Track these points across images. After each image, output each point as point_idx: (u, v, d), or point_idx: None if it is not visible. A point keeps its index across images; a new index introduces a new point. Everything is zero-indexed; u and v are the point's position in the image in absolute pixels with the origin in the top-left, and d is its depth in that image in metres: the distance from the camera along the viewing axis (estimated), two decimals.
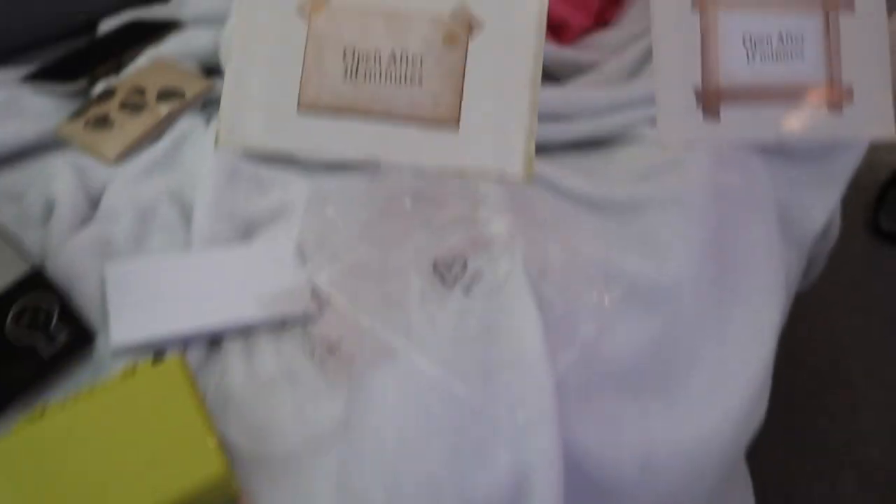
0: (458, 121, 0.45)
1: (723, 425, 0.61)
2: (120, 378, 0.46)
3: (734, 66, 0.48)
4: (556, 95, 0.70)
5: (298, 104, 0.45)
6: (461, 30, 0.45)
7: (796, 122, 0.48)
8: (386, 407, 0.51)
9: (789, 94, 0.48)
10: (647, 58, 0.76)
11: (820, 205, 0.76)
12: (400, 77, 0.45)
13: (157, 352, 0.50)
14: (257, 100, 0.45)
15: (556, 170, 0.68)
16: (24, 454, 0.42)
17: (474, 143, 0.45)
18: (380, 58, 0.44)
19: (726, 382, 0.62)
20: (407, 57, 0.45)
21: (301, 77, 0.45)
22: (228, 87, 0.44)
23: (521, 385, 0.53)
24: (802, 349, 1.26)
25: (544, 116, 0.68)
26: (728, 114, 0.48)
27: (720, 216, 0.65)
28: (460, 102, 0.45)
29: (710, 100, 0.48)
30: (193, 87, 0.75)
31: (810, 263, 0.85)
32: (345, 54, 0.44)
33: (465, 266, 0.60)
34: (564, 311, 0.58)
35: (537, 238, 0.61)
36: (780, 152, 0.72)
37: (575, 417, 0.55)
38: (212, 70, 0.81)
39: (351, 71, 0.45)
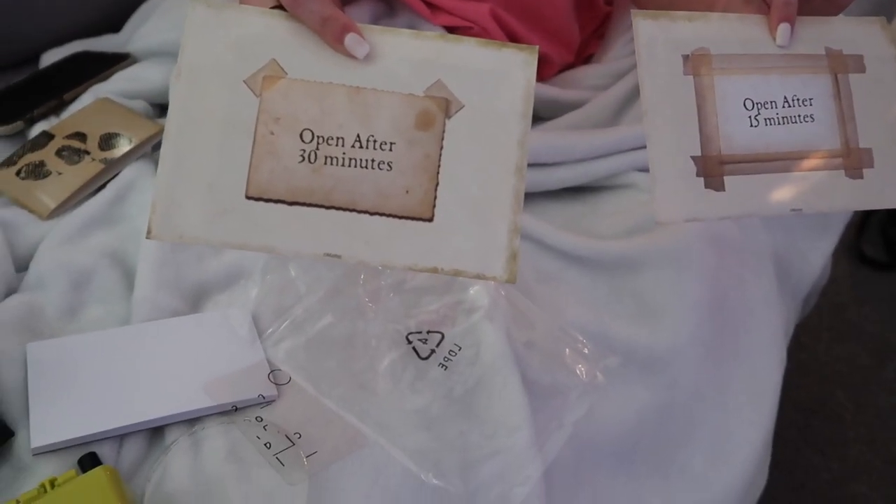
0: (432, 214, 0.39)
1: (724, 496, 0.57)
2: (35, 494, 0.39)
3: (737, 132, 0.43)
4: (538, 140, 0.64)
5: (247, 190, 0.38)
6: (437, 110, 0.39)
7: (812, 190, 0.43)
8: None
9: (802, 161, 0.44)
10: (633, 96, 0.72)
11: (818, 250, 0.72)
12: (366, 163, 0.39)
13: (84, 456, 0.43)
14: (198, 184, 0.38)
15: (541, 224, 0.63)
16: None
17: (450, 239, 0.39)
18: (343, 140, 0.39)
19: (727, 454, 0.58)
20: (374, 140, 0.39)
21: (250, 159, 0.38)
22: (164, 167, 0.38)
23: (506, 475, 0.48)
24: (788, 380, 1.23)
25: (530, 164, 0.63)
26: (734, 184, 0.43)
27: (717, 271, 0.61)
28: (435, 193, 0.39)
29: (712, 169, 0.43)
30: (141, 131, 0.69)
31: (803, 304, 0.81)
32: (302, 136, 0.38)
33: (442, 337, 0.54)
34: (552, 387, 0.52)
35: (522, 305, 0.56)
36: None
37: (565, 499, 0.50)
38: (164, 109, 0.75)
39: (309, 155, 0.38)
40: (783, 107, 0.44)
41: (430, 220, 0.39)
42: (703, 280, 0.60)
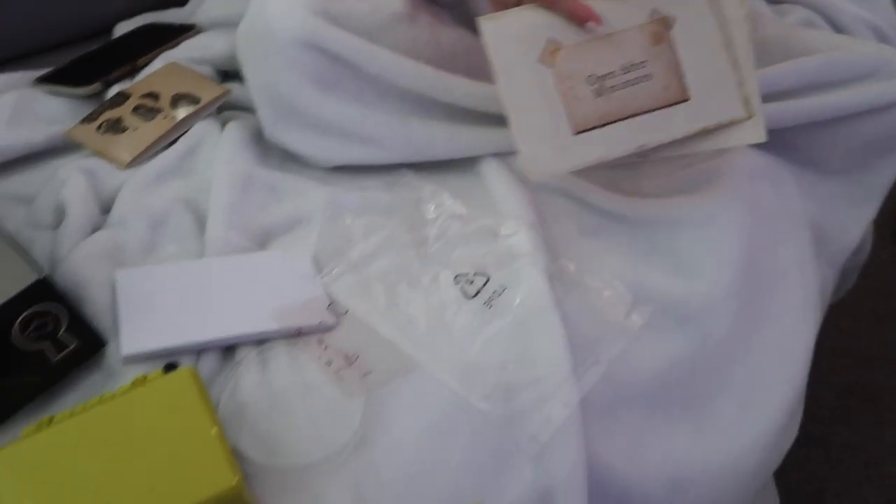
0: (687, 95, 0.57)
1: (753, 448, 0.59)
2: (130, 387, 0.44)
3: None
4: None
5: (572, 129, 0.56)
6: (662, 28, 0.55)
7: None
8: (404, 422, 0.49)
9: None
10: None
11: (855, 221, 0.74)
12: (635, 81, 0.56)
13: (168, 362, 0.48)
14: (542, 136, 0.56)
15: (585, 183, 0.66)
16: (31, 462, 0.40)
17: (704, 106, 0.57)
18: (614, 73, 0.55)
19: (757, 405, 0.60)
20: (632, 64, 0.56)
21: (565, 108, 0.55)
22: (518, 134, 0.55)
23: (545, 402, 0.51)
24: (827, 361, 1.23)
25: None
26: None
27: (753, 233, 0.63)
28: (684, 82, 0.56)
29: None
30: (209, 92, 0.74)
31: (843, 277, 0.82)
32: (588, 80, 0.55)
33: (487, 280, 0.58)
34: (590, 328, 0.56)
35: (563, 254, 0.60)
36: (813, 166, 0.70)
37: (600, 435, 0.53)
38: (227, 75, 0.80)
39: (598, 90, 0.55)
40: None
41: (688, 100, 0.56)
42: (739, 240, 0.62)
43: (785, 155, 0.71)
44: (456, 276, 0.58)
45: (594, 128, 0.56)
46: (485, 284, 0.57)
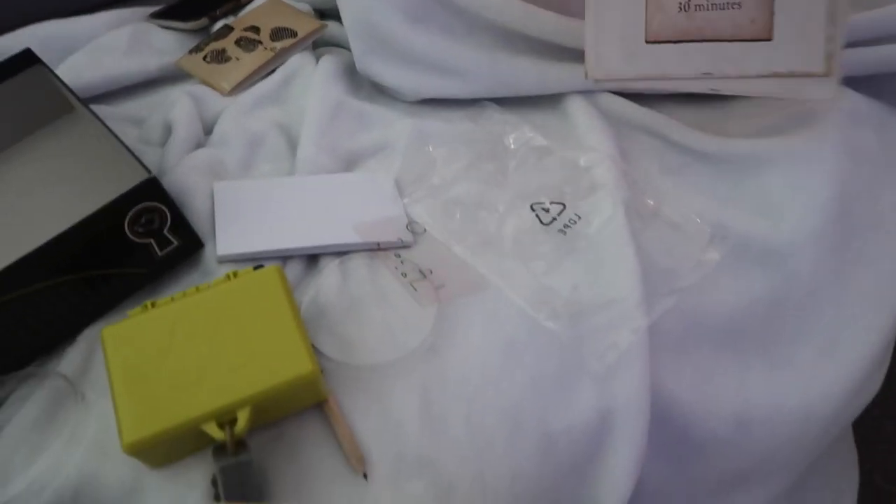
0: (771, 35, 0.55)
1: (829, 395, 0.57)
2: (222, 280, 0.48)
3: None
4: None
5: (646, 37, 0.56)
6: None
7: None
8: (473, 335, 0.51)
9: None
10: None
11: None
12: (723, 5, 0.55)
13: (257, 265, 0.52)
14: (614, 38, 0.56)
15: (668, 121, 0.65)
16: (135, 337, 0.45)
17: (784, 51, 0.55)
18: None
19: (839, 351, 0.58)
20: None
21: (645, 15, 0.56)
22: (590, 25, 0.57)
23: (613, 326, 0.52)
24: None
25: None
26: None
27: (850, 177, 0.60)
28: (772, 20, 0.54)
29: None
30: (305, 27, 0.77)
31: None
32: None
33: (564, 208, 0.58)
34: (665, 260, 0.56)
35: (642, 188, 0.59)
36: None
37: (668, 366, 0.54)
38: (324, 13, 0.83)
39: (684, 5, 0.55)
40: None
41: (770, 39, 0.54)
42: (834, 183, 0.59)
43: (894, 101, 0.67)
44: (532, 204, 0.59)
45: (668, 41, 0.55)
46: (561, 212, 0.58)
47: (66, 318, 0.50)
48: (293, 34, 0.77)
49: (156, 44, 0.80)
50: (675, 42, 0.55)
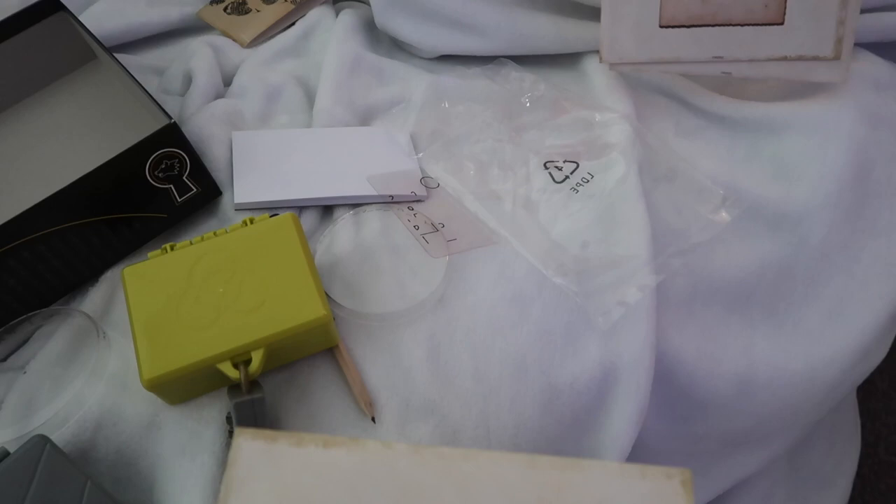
0: (783, 19, 0.55)
1: (834, 360, 0.58)
2: (239, 225, 0.49)
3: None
4: None
5: (660, 21, 0.57)
6: None
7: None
8: (482, 288, 0.52)
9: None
10: None
11: None
12: None
13: (273, 214, 0.53)
14: (628, 22, 0.57)
15: (685, 82, 0.65)
16: (154, 276, 0.46)
17: (795, 35, 0.56)
18: None
19: (846, 317, 0.58)
20: None
21: (660, 4, 0.57)
22: (606, 14, 0.58)
23: (621, 284, 0.52)
24: None
25: None
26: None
27: (868, 143, 0.60)
28: (785, 4, 0.55)
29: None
30: None
31: None
32: None
33: (577, 166, 0.59)
34: (676, 221, 0.56)
35: (656, 149, 0.59)
36: None
37: (674, 325, 0.54)
38: None
39: None
40: None
41: (782, 24, 0.55)
42: (850, 149, 0.59)
43: None
44: (546, 162, 0.59)
45: (681, 26, 0.56)
46: (574, 171, 0.58)
47: (89, 259, 0.51)
48: None
49: None
50: (689, 27, 0.56)
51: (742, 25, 0.56)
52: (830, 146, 0.60)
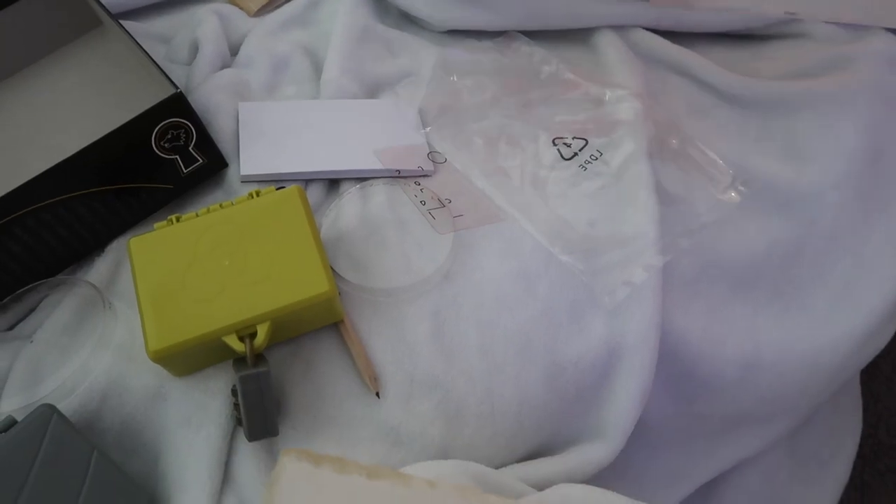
0: None
1: (839, 342, 0.58)
2: (245, 198, 0.49)
3: None
4: None
5: None
6: None
7: None
8: (488, 264, 0.52)
9: None
10: None
11: None
12: None
13: (279, 187, 0.53)
14: None
15: (699, 59, 0.64)
16: (160, 247, 0.46)
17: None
18: None
19: (853, 300, 0.58)
20: None
21: None
22: None
23: (627, 263, 0.52)
24: None
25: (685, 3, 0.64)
26: None
27: (882, 123, 0.59)
28: None
29: None
30: None
31: None
32: None
33: (586, 143, 0.58)
34: (684, 199, 0.56)
35: (666, 127, 0.59)
36: None
37: (681, 305, 0.54)
38: None
39: None
40: None
41: None
42: (864, 130, 0.58)
43: None
44: (554, 139, 0.59)
45: None
46: (582, 148, 0.58)
47: (95, 228, 0.51)
48: None
49: None
50: None
51: None
52: (843, 125, 0.59)
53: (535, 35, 0.68)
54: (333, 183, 0.57)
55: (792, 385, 0.58)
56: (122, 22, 0.58)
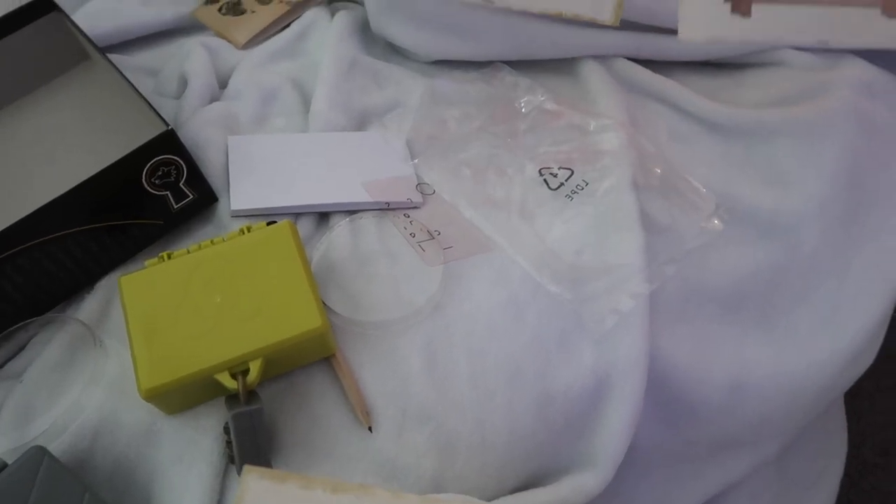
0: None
1: (824, 366, 0.59)
2: (237, 233, 0.49)
3: None
4: None
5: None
6: None
7: (842, 24, 0.46)
8: (478, 295, 0.53)
9: (834, 1, 0.47)
10: None
11: None
12: None
13: (270, 221, 0.53)
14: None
15: (681, 88, 0.65)
16: (151, 286, 0.47)
17: None
18: None
19: (838, 322, 0.59)
20: None
21: None
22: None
23: (614, 291, 0.53)
24: None
25: (669, 31, 0.65)
26: (761, 11, 0.47)
27: (859, 149, 0.60)
28: None
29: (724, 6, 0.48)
30: None
31: None
32: None
33: (571, 173, 0.59)
34: (668, 227, 0.57)
35: (650, 155, 0.60)
36: None
37: (668, 331, 0.55)
38: None
39: None
40: None
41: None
42: (844, 156, 0.60)
43: None
44: (541, 169, 0.60)
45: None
46: (569, 178, 0.59)
47: (85, 266, 0.51)
48: None
49: None
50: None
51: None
52: (823, 152, 0.60)
53: (520, 65, 0.69)
54: (323, 216, 0.57)
55: (778, 408, 0.58)
56: (110, 55, 0.59)
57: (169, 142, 0.51)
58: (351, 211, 0.57)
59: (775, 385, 0.57)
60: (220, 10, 0.76)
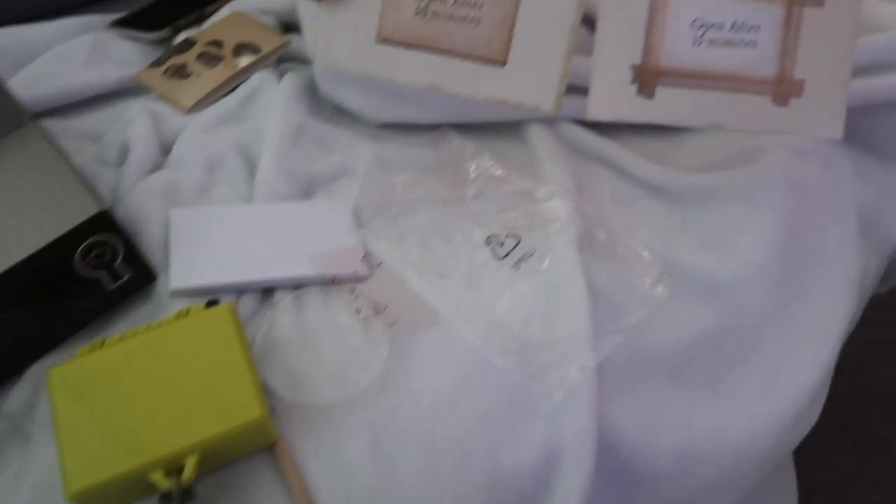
0: (505, 60, 0.53)
1: (770, 428, 0.59)
2: (174, 318, 0.48)
3: (678, 49, 0.50)
4: None
5: (378, 36, 0.55)
6: None
7: (736, 109, 0.50)
8: (425, 373, 0.52)
9: (733, 83, 0.50)
10: None
11: None
12: (462, 18, 0.53)
13: (211, 299, 0.52)
14: (345, 31, 0.55)
15: (623, 151, 0.66)
16: (83, 378, 0.45)
17: (517, 80, 0.53)
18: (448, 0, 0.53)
19: (780, 384, 0.60)
20: (470, 0, 0.53)
21: (380, 13, 0.54)
22: (323, 20, 0.56)
23: (562, 364, 0.53)
24: (870, 354, 1.20)
25: None
26: (664, 95, 0.51)
27: (794, 212, 0.62)
28: (510, 45, 0.52)
29: (647, 78, 0.51)
30: (270, 42, 0.77)
31: (891, 268, 0.80)
32: None
33: (518, 242, 0.59)
34: (614, 295, 0.57)
35: (595, 221, 0.60)
36: (874, 151, 0.68)
37: (615, 402, 0.55)
38: (289, 27, 0.82)
39: (422, 9, 0.53)
40: (729, 30, 0.49)
41: (504, 64, 0.52)
42: (778, 218, 0.61)
43: (845, 136, 0.69)
44: (488, 237, 0.60)
45: (400, 44, 0.53)
46: (515, 247, 0.59)
47: (12, 353, 0.49)
48: (256, 50, 0.76)
49: (116, 54, 0.79)
50: (407, 48, 0.53)
51: (463, 57, 0.53)
52: (758, 215, 0.62)
53: (467, 128, 0.70)
54: (267, 291, 0.56)
55: (726, 473, 0.58)
56: (49, 119, 0.57)
57: (103, 222, 0.50)
58: (296, 285, 0.56)
59: (722, 451, 0.57)
60: (165, 72, 0.75)
